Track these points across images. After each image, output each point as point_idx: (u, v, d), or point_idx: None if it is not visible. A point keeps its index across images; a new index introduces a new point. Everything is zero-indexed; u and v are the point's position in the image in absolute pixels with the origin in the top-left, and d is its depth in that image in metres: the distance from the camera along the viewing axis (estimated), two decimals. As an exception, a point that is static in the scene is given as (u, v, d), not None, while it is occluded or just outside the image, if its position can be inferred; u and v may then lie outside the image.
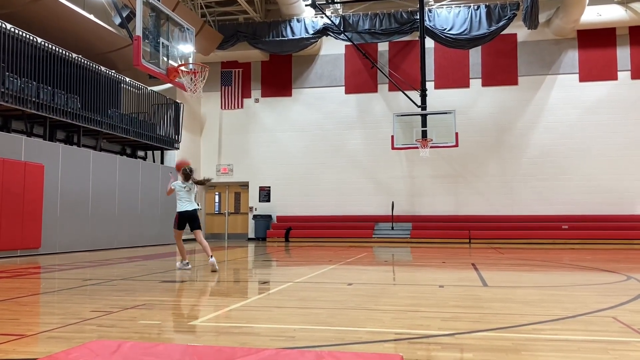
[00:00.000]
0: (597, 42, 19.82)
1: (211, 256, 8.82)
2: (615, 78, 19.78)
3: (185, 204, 9.05)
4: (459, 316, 4.79)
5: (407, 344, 3.70)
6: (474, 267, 9.62)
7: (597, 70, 19.86)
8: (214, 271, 8.72)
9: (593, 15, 18.91)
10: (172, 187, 9.17)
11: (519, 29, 20.06)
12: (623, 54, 19.72)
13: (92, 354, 2.86)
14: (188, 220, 9.02)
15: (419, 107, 18.71)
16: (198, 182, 9.24)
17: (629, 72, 19.67)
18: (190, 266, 9.28)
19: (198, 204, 9.43)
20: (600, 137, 19.61)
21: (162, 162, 19.83)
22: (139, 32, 9.06)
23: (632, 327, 4.16)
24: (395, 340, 3.84)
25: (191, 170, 9.12)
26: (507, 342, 3.73)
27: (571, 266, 10.13)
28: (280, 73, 22.30)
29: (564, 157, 19.82)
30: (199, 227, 9.15)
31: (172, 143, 19.54)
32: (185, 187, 9.10)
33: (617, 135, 19.49)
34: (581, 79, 20.00)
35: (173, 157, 20.39)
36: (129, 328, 4.22)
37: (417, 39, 19.56)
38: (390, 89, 21.13)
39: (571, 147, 19.78)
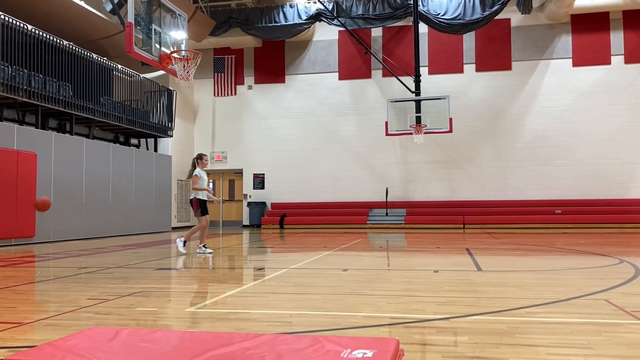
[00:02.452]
0: (590, 26, 19.80)
1: (182, 239, 9.76)
2: (608, 62, 19.79)
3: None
4: (454, 300, 4.83)
5: (403, 328, 3.74)
6: (468, 252, 9.68)
7: (590, 54, 19.86)
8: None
9: (587, 0, 18.87)
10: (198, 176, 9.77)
11: (512, 14, 20.01)
12: (616, 38, 19.72)
13: (90, 340, 2.88)
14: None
15: (412, 92, 18.69)
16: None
17: (622, 57, 19.69)
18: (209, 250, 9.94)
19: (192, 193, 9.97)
20: (593, 122, 19.67)
21: (155, 150, 19.76)
22: (130, 18, 8.99)
23: (625, 310, 4.21)
24: (391, 324, 3.88)
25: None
26: (501, 325, 3.77)
27: (564, 250, 10.22)
28: (274, 59, 22.19)
29: (558, 142, 19.88)
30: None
31: (165, 130, 19.46)
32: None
33: (610, 120, 19.55)
34: (575, 64, 20.01)
35: (166, 144, 20.33)
36: (125, 315, 4.23)
37: (411, 24, 19.48)
38: (384, 75, 21.07)
39: (564, 132, 19.84)
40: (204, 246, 9.91)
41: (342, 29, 20.63)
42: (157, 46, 10.35)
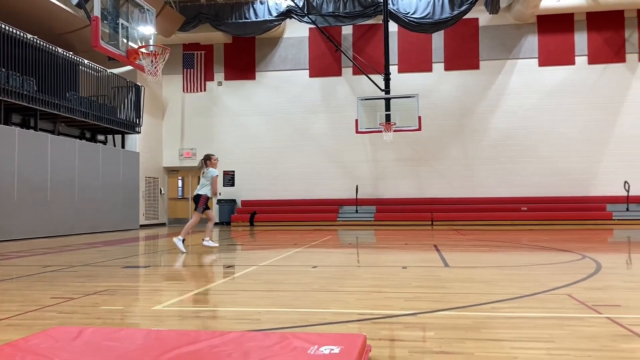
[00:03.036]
0: (556, 27, 20.23)
1: (181, 239, 9.63)
2: (573, 63, 20.25)
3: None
4: (421, 296, 4.88)
5: (371, 324, 3.76)
6: (435, 249, 9.80)
7: (555, 55, 20.29)
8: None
9: (552, 1, 19.26)
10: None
11: (480, 14, 20.30)
12: (580, 39, 20.18)
13: (53, 340, 2.82)
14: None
15: (382, 91, 18.80)
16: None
17: (586, 57, 20.16)
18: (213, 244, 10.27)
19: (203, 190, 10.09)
20: (558, 121, 20.10)
21: (123, 147, 19.45)
22: (97, 12, 8.83)
23: (586, 304, 4.32)
24: (359, 320, 3.90)
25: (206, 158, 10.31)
26: (467, 320, 3.82)
27: (529, 246, 10.42)
28: (244, 56, 22.06)
29: (524, 141, 20.26)
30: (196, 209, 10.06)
31: (133, 127, 19.18)
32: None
33: (574, 119, 20.01)
34: (540, 64, 20.41)
35: (134, 141, 20.03)
36: (90, 314, 4.16)
37: (381, 22, 19.59)
38: (354, 73, 21.15)
39: (530, 131, 20.23)
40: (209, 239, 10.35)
41: (312, 26, 20.62)
42: (125, 41, 10.19)
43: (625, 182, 19.14)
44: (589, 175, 19.89)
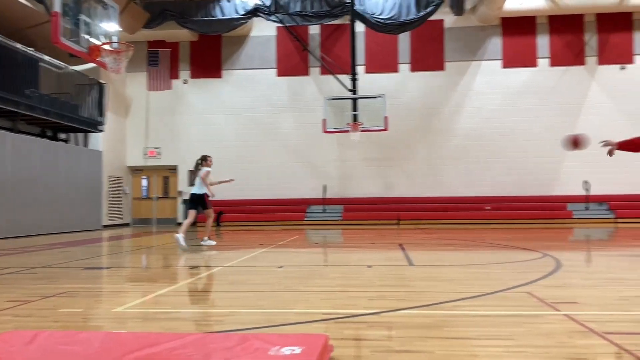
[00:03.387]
0: (519, 29, 20.61)
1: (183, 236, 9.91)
2: (535, 65, 20.68)
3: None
4: (385, 295, 4.92)
5: (335, 324, 3.77)
6: (401, 248, 9.88)
7: (519, 56, 20.68)
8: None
9: (516, 4, 19.61)
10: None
11: (445, 15, 20.53)
12: (543, 41, 20.62)
13: (6, 345, 2.74)
14: None
15: (349, 91, 18.87)
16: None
17: (548, 60, 20.61)
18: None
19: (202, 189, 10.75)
20: (521, 122, 20.49)
21: (85, 145, 19.05)
22: (57, 7, 8.63)
23: (545, 302, 4.41)
24: (322, 320, 3.89)
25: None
26: (429, 319, 3.86)
27: (492, 245, 10.60)
28: (210, 54, 21.84)
29: (487, 141, 20.59)
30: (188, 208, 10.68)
31: (96, 125, 18.79)
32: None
33: (537, 120, 20.43)
34: (504, 65, 20.78)
35: (97, 139, 19.63)
36: (48, 317, 4.06)
37: (348, 22, 19.64)
38: (322, 73, 21.16)
39: (494, 132, 20.57)
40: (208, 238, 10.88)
41: (280, 25, 20.55)
42: (87, 37, 9.99)
43: (585, 182, 19.63)
44: (551, 175, 20.34)
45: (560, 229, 16.54)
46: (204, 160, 10.99)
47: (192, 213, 10.43)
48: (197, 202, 10.54)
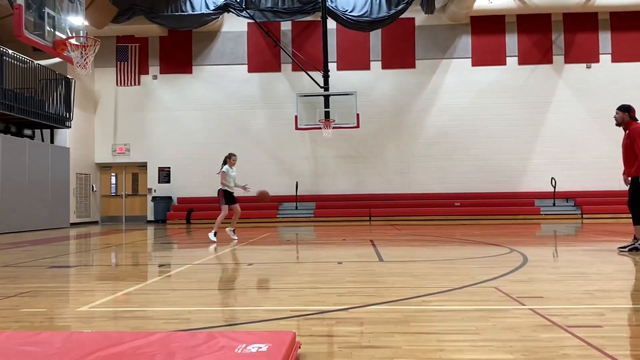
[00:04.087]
0: (488, 28, 20.90)
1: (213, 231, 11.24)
2: (504, 63, 20.99)
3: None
4: (354, 291, 4.93)
5: (303, 320, 3.76)
6: (372, 244, 9.93)
7: (488, 55, 20.96)
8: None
9: (485, 2, 19.86)
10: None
11: (417, 14, 20.68)
12: (511, 40, 20.94)
13: (-37, 346, 2.66)
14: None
15: (321, 87, 18.87)
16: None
17: (516, 58, 20.94)
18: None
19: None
20: (489, 119, 20.79)
21: (52, 142, 18.65)
22: (20, 0, 8.40)
23: (511, 296, 4.48)
24: (291, 317, 3.88)
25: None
26: (397, 314, 3.88)
27: (461, 241, 10.73)
28: (180, 49, 21.58)
29: (457, 138, 20.83)
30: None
31: (62, 121, 18.41)
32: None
33: (505, 118, 20.75)
34: (473, 64, 21.03)
35: (64, 136, 19.23)
36: (9, 317, 3.95)
37: (320, 19, 19.63)
38: (293, 69, 21.10)
39: (463, 129, 20.82)
40: (232, 231, 11.88)
41: (251, 20, 20.41)
42: (52, 31, 9.76)
43: (552, 178, 20.01)
44: (519, 172, 20.69)
45: (529, 224, 16.83)
46: (229, 157, 11.92)
47: (223, 208, 11.54)
48: (222, 197, 11.43)
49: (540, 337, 3.19)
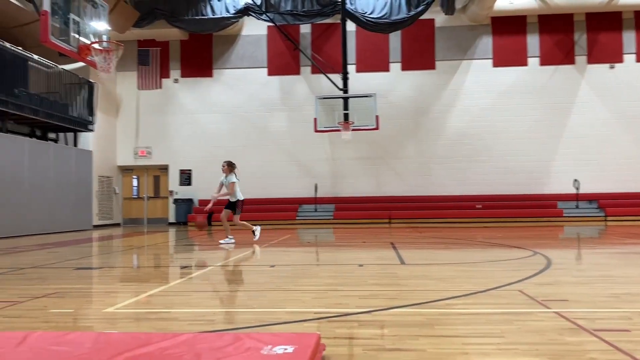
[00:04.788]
0: (509, 29, 20.71)
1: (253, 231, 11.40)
2: (525, 64, 20.78)
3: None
4: (377, 294, 4.92)
5: (327, 323, 3.77)
6: (392, 246, 9.90)
7: (509, 56, 20.77)
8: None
9: (506, 3, 19.70)
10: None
11: (436, 15, 20.58)
12: (533, 41, 20.72)
13: (-4, 346, 2.72)
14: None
15: (340, 90, 18.88)
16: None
17: (538, 59, 20.72)
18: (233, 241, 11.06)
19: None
20: (511, 121, 20.59)
21: (75, 145, 18.93)
22: (46, 6, 8.57)
23: (536, 299, 4.44)
24: (314, 319, 3.89)
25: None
26: (421, 317, 3.87)
27: (483, 243, 10.65)
28: (201, 53, 21.76)
29: (478, 140, 20.67)
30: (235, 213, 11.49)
31: (85, 124, 18.68)
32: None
33: (527, 119, 20.54)
34: (495, 64, 20.86)
35: (87, 139, 19.51)
36: (38, 318, 4.03)
37: (339, 21, 19.63)
38: (312, 72, 21.14)
39: (485, 130, 20.65)
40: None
41: (271, 24, 20.51)
42: (76, 36, 9.92)
43: (575, 180, 19.75)
44: (541, 173, 20.46)
45: (551, 227, 16.64)
46: (234, 166, 11.93)
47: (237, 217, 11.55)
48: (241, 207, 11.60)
49: (566, 341, 3.16)
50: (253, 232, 11.51)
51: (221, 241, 11.16)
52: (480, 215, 19.45)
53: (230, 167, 11.67)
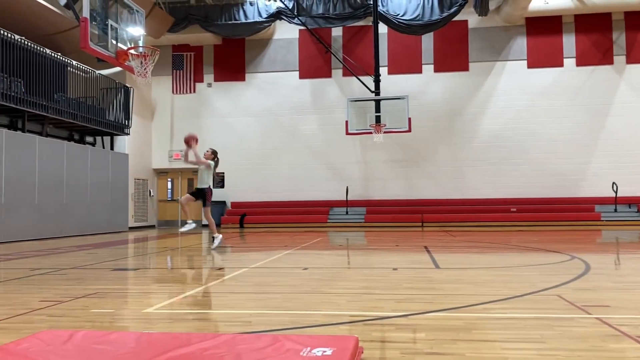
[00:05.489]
0: (544, 29, 20.38)
1: (214, 237, 10.41)
2: (561, 65, 20.41)
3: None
4: (412, 298, 4.89)
5: (362, 326, 3.77)
6: (426, 250, 9.82)
7: (544, 56, 20.43)
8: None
9: (541, 3, 19.40)
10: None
11: (470, 16, 20.39)
12: (569, 41, 20.34)
13: (43, 344, 2.80)
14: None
15: (372, 92, 18.84)
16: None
17: (574, 59, 20.33)
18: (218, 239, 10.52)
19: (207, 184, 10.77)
20: (547, 122, 20.24)
21: (112, 148, 19.34)
22: (85, 13, 8.78)
23: (575, 304, 4.35)
24: (350, 322, 3.90)
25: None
26: (458, 321, 3.83)
27: (519, 247, 10.48)
28: (233, 57, 22.01)
29: (513, 142, 20.37)
30: (204, 205, 10.60)
31: (122, 128, 19.07)
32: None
33: (563, 121, 20.16)
34: (529, 65, 20.54)
35: (123, 142, 19.92)
36: (80, 317, 4.13)
37: (371, 24, 19.62)
38: (344, 74, 21.17)
39: (519, 132, 20.35)
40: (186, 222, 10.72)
41: (302, 27, 20.62)
42: (114, 42, 10.14)
43: (613, 183, 19.29)
44: (578, 176, 20.04)
45: (588, 231, 16.27)
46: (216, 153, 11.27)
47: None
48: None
49: (610, 348, 3.09)
50: (213, 238, 10.64)
51: (181, 229, 10.68)
52: (515, 219, 19.16)
53: (213, 154, 11.31)
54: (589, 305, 4.30)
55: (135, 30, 11.09)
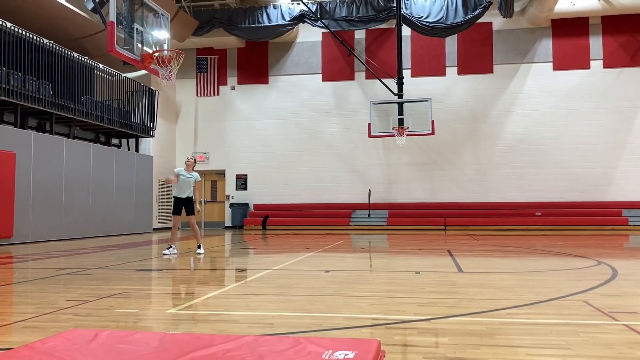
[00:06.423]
0: (570, 31, 20.08)
1: (200, 245, 10.09)
2: (587, 67, 20.08)
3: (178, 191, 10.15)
4: (435, 302, 4.86)
5: (385, 329, 3.75)
6: (449, 254, 9.75)
7: (570, 59, 20.13)
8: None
9: (567, 5, 19.13)
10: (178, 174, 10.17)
11: (494, 18, 20.20)
12: (595, 43, 20.01)
13: (69, 342, 2.84)
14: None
15: (395, 95, 18.78)
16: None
17: (601, 61, 19.98)
18: (175, 252, 10.03)
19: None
20: (572, 125, 19.93)
21: (137, 150, 19.59)
22: (112, 17, 8.90)
23: (602, 310, 4.27)
24: (372, 325, 3.89)
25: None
26: (481, 326, 3.80)
27: (544, 252, 10.33)
28: (257, 60, 22.14)
29: (538, 145, 20.10)
30: (192, 214, 10.15)
31: (147, 130, 19.31)
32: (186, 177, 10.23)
33: (589, 124, 19.83)
34: (555, 68, 20.26)
35: (148, 144, 20.16)
36: (105, 317, 4.19)
37: (394, 26, 19.57)
38: (367, 77, 21.13)
39: (544, 135, 20.07)
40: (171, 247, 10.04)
41: (325, 30, 20.65)
42: (139, 45, 10.26)
43: (641, 187, 18.90)
44: (605, 180, 19.68)
45: (616, 235, 15.96)
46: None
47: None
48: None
49: (637, 355, 3.03)
50: (199, 245, 10.06)
51: (165, 253, 9.89)
52: (540, 223, 18.90)
53: (195, 163, 10.63)
54: (616, 312, 4.22)
55: (161, 34, 11.21)
